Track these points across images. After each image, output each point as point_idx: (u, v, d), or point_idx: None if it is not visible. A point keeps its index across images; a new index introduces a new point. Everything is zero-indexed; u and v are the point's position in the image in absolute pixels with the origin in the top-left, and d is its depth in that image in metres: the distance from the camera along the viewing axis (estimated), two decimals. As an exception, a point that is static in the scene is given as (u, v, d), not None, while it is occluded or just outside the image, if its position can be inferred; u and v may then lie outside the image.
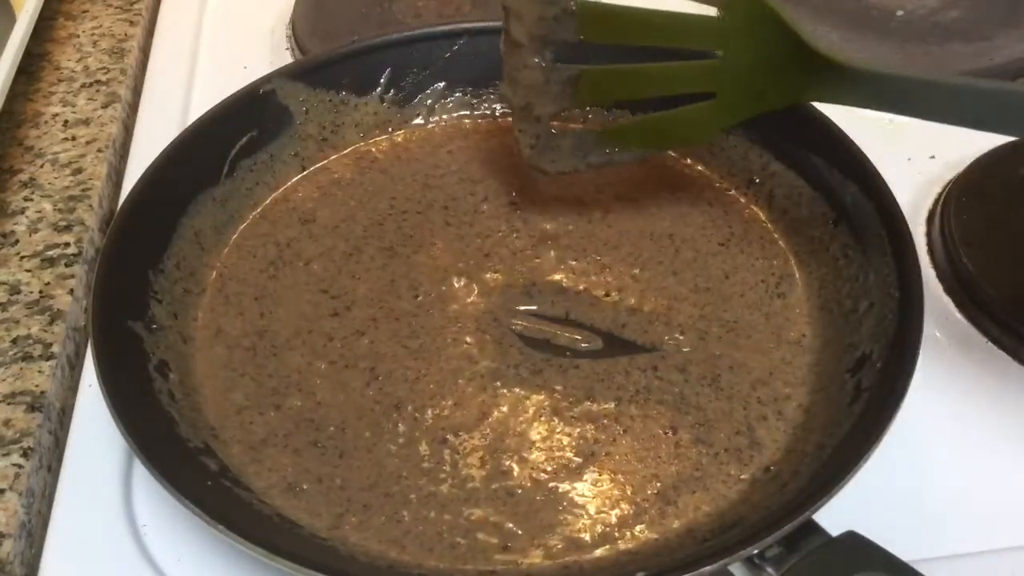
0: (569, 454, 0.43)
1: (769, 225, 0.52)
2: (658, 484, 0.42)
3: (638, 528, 0.41)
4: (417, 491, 0.42)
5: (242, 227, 0.53)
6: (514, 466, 0.43)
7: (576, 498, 0.42)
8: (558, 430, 0.44)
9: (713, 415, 0.44)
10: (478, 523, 0.41)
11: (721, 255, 0.51)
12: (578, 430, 0.44)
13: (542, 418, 0.44)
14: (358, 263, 0.52)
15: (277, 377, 0.46)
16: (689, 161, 0.56)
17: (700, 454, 0.43)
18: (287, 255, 0.52)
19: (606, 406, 0.44)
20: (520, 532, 0.41)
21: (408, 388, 0.45)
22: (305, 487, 0.42)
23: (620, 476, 0.42)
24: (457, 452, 0.43)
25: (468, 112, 0.59)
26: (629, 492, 0.42)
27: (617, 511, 0.41)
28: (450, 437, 0.44)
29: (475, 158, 0.57)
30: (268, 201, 0.55)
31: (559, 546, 0.40)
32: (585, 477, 0.42)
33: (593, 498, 0.42)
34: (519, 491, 0.42)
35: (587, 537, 0.40)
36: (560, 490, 0.42)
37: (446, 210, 0.54)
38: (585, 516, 0.41)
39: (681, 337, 0.47)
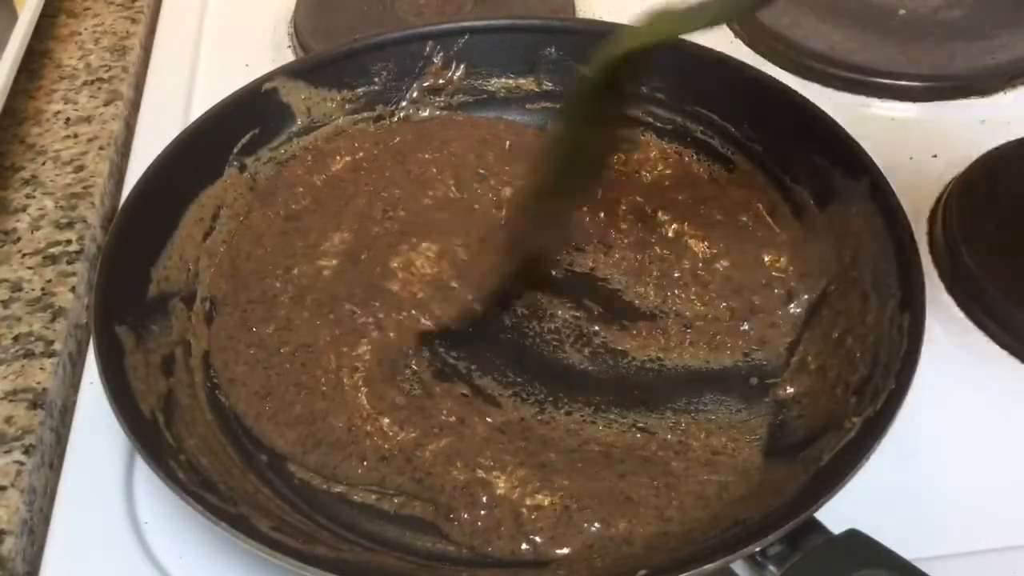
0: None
1: (775, 227, 0.52)
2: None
3: (642, 525, 0.41)
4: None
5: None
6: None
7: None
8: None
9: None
10: (532, 508, 0.41)
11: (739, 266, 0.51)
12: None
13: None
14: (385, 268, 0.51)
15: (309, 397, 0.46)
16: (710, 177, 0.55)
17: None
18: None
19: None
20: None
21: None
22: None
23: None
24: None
25: (472, 109, 0.59)
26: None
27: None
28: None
29: (489, 154, 0.57)
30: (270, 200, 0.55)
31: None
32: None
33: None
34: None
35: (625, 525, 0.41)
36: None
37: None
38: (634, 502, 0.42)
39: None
